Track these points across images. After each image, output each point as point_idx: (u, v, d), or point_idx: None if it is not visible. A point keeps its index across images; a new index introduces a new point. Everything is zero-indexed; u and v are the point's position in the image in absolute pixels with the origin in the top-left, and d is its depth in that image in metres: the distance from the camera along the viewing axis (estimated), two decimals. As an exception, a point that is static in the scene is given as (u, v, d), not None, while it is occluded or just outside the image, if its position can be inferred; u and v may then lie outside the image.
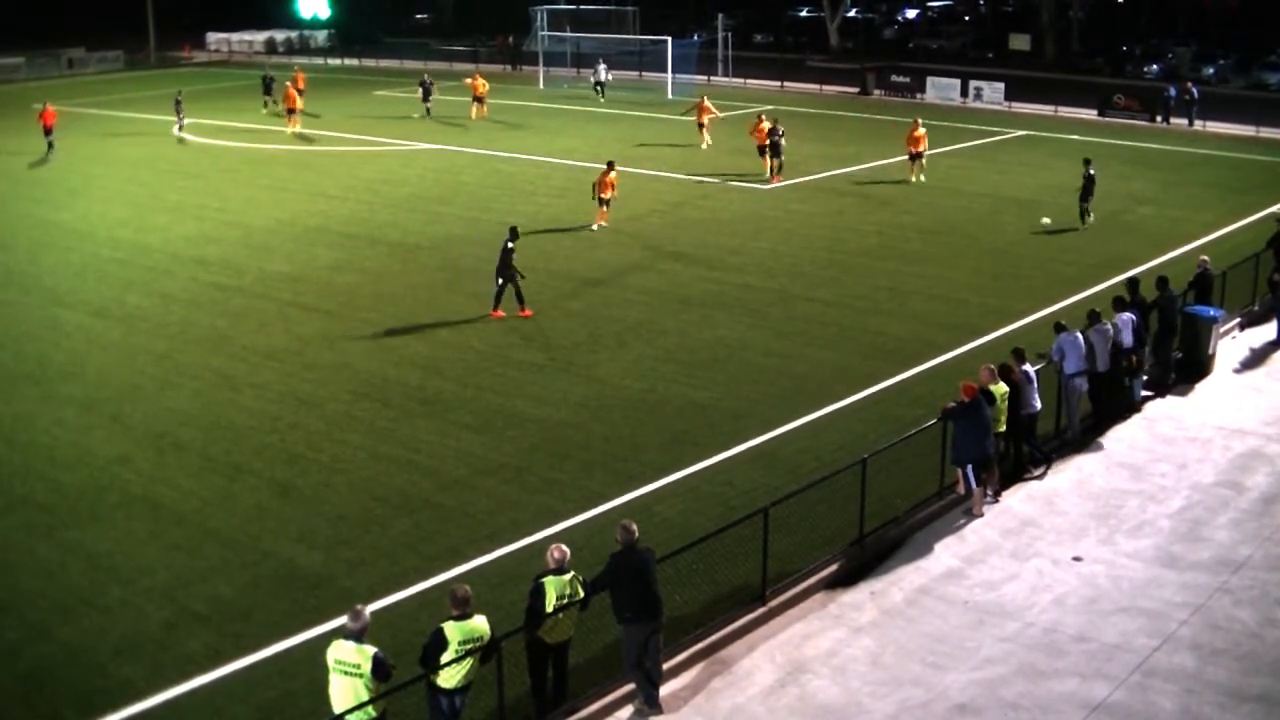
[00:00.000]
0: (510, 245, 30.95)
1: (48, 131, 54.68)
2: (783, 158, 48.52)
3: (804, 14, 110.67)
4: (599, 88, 74.16)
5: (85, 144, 57.73)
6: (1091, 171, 40.67)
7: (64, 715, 15.85)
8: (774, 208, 44.01)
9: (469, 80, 67.33)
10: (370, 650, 13.45)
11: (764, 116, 50.40)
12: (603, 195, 40.16)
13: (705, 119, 56.02)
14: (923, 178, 47.86)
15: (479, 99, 65.85)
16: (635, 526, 15.89)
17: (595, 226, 40.12)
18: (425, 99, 66.74)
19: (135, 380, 27.48)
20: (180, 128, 60.84)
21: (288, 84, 63.49)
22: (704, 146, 55.33)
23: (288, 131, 60.47)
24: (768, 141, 48.39)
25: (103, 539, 20.37)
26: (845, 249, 38.01)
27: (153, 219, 42.94)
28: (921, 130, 48.18)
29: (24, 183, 46.58)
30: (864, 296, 33.17)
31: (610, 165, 40.67)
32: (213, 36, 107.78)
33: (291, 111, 61.54)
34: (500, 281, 30.90)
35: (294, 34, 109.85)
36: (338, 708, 13.46)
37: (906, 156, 48.66)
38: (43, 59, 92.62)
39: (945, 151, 54.87)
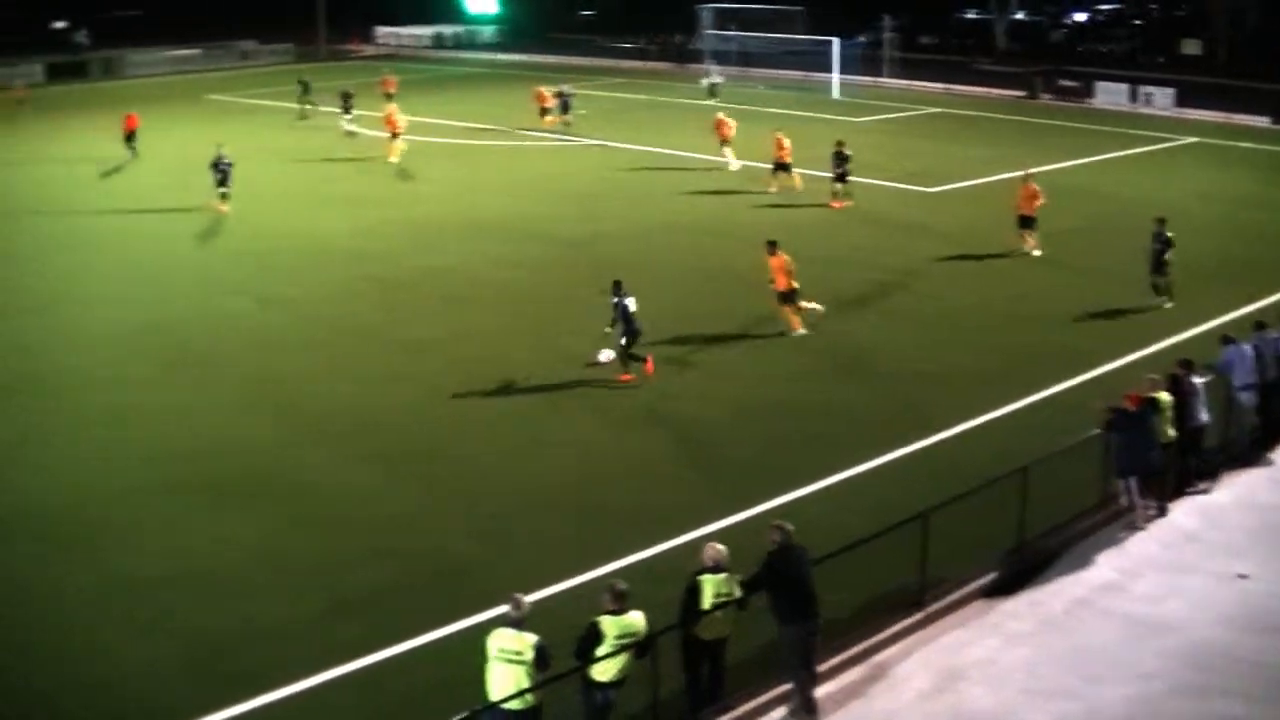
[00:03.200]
0: (622, 300, 27.02)
1: (130, 137, 53.20)
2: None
3: (971, 16, 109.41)
4: (712, 90, 72.55)
5: (253, 135, 59.02)
6: (1168, 234, 32.11)
7: (226, 694, 16.18)
8: (934, 211, 43.61)
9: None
10: (532, 638, 13.63)
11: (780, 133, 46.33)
12: (778, 289, 30.12)
13: (728, 134, 50.40)
14: (1037, 251, 37.25)
15: (545, 110, 61.63)
16: (790, 526, 15.90)
17: (797, 332, 30.03)
18: (564, 111, 61.57)
19: (296, 369, 28.14)
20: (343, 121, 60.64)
21: (391, 107, 54.68)
22: (734, 168, 49.50)
23: (391, 160, 51.82)
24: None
25: (262, 524, 20.91)
26: (1004, 253, 37.51)
27: (317, 210, 43.94)
28: (1036, 186, 37.62)
29: (191, 172, 47.47)
30: (1022, 301, 32.77)
31: (772, 247, 30.14)
32: (381, 30, 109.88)
33: (395, 136, 52.27)
34: (625, 343, 26.96)
35: (461, 29, 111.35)
36: (497, 695, 13.61)
37: (1016, 220, 37.69)
38: (218, 50, 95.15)
39: (1112, 158, 54.38)
